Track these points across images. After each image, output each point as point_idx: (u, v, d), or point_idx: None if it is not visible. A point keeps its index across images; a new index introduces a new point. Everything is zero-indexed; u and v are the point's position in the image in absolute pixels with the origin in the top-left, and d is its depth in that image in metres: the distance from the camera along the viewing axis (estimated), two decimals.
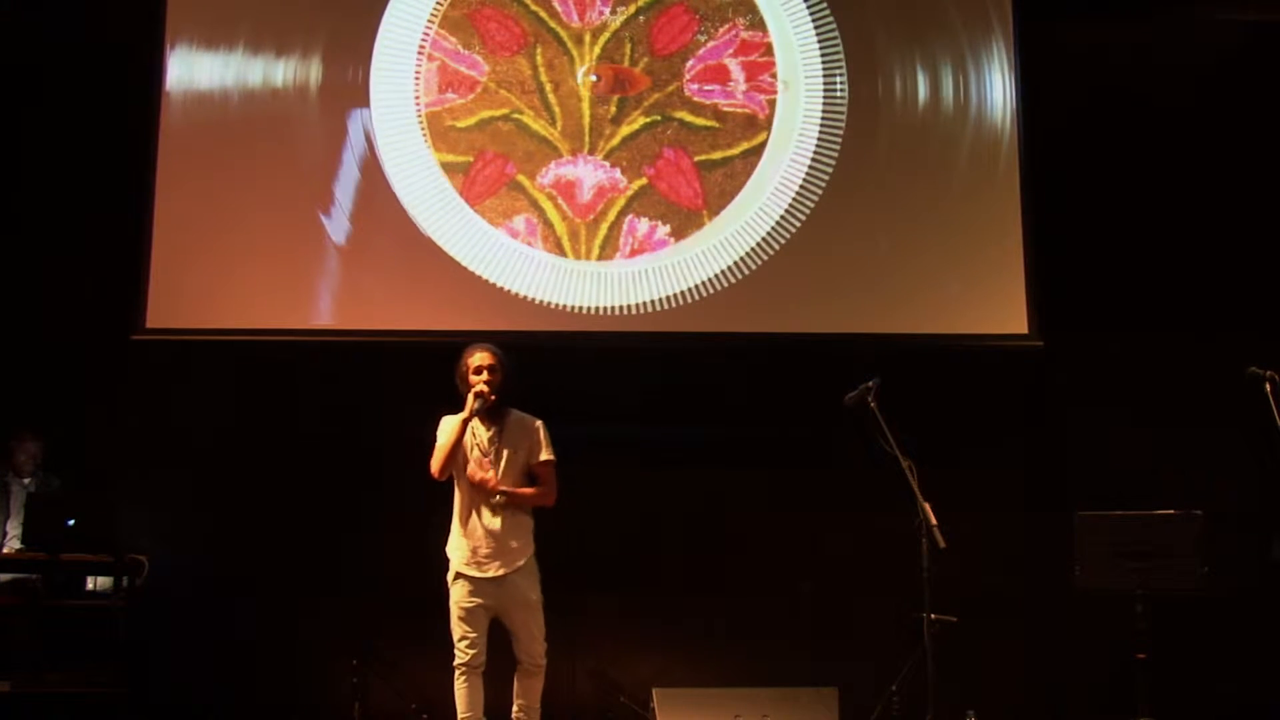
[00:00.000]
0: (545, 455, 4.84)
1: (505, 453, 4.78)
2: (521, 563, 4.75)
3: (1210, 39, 6.62)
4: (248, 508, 6.09)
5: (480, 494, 4.76)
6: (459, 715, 4.72)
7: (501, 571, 4.71)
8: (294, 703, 5.95)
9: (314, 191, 6.17)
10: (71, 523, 5.45)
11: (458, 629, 4.73)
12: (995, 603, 5.85)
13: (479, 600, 4.72)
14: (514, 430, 4.82)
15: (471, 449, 4.79)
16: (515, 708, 4.81)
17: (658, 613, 6.12)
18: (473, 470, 4.77)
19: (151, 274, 6.06)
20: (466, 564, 4.74)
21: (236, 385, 6.21)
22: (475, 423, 4.78)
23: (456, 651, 4.73)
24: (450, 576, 4.79)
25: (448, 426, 4.78)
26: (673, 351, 6.19)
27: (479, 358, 4.77)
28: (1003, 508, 6.17)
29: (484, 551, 4.73)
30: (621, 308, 6.16)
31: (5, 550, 5.72)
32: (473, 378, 4.74)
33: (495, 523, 4.74)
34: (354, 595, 5.99)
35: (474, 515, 4.76)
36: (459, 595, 4.74)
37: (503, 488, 4.75)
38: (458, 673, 4.72)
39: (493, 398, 4.72)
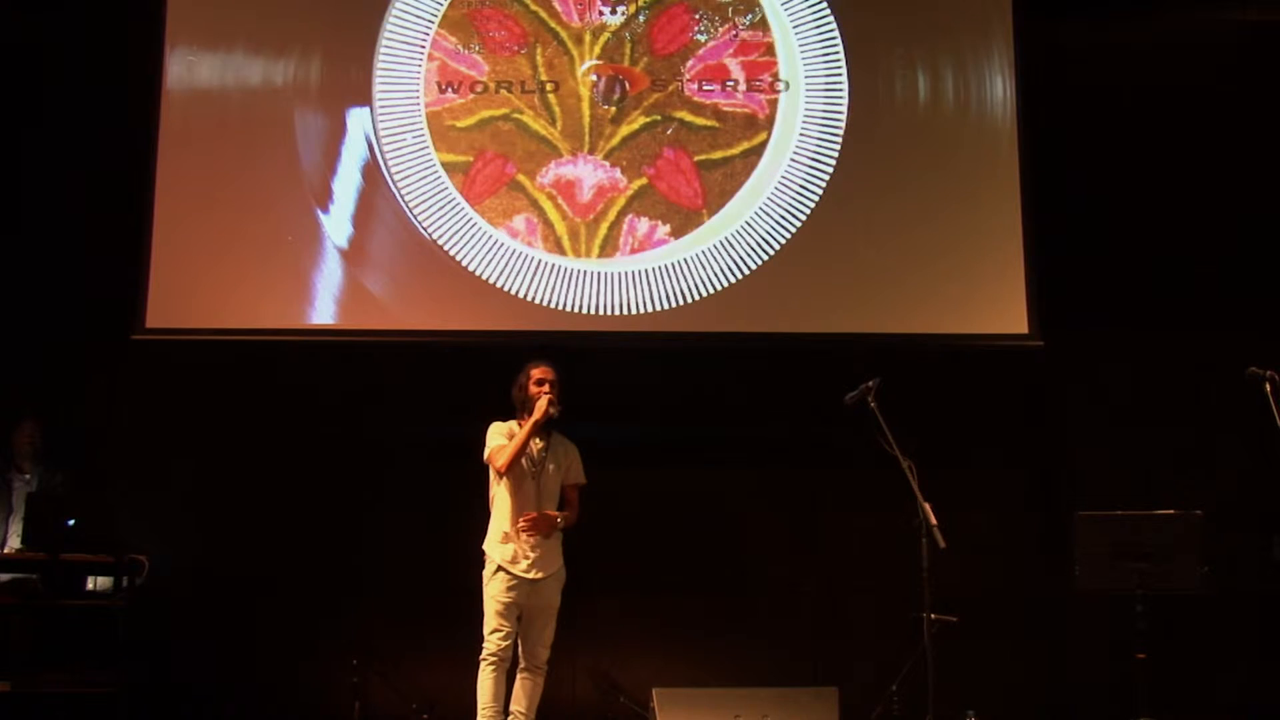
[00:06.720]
0: (582, 479, 5.12)
1: (550, 467, 5.01)
2: (556, 569, 4.96)
3: (1210, 39, 6.62)
4: (248, 508, 6.10)
5: (528, 502, 4.94)
6: (480, 707, 4.77)
7: (540, 575, 4.89)
8: (294, 703, 5.95)
9: (314, 191, 6.17)
10: (71, 523, 5.45)
11: (493, 621, 4.84)
12: (995, 603, 5.86)
13: (514, 597, 4.86)
14: (558, 448, 5.07)
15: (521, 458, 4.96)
16: (510, 714, 4.84)
17: (658, 613, 6.13)
18: (539, 521, 4.94)
19: (151, 274, 6.06)
20: (510, 562, 4.88)
21: (236, 385, 6.20)
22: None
23: (487, 642, 4.83)
24: (489, 570, 4.92)
25: (504, 429, 4.99)
26: (673, 351, 6.19)
27: (545, 370, 5.00)
28: (1003, 508, 6.18)
29: (527, 555, 4.89)
30: (621, 308, 6.15)
31: (5, 550, 5.72)
32: (534, 388, 4.95)
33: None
34: (354, 595, 6.01)
35: (522, 521, 4.93)
36: (499, 589, 4.86)
37: (551, 514, 4.99)
38: (485, 664, 4.81)
39: (559, 409, 4.93)
